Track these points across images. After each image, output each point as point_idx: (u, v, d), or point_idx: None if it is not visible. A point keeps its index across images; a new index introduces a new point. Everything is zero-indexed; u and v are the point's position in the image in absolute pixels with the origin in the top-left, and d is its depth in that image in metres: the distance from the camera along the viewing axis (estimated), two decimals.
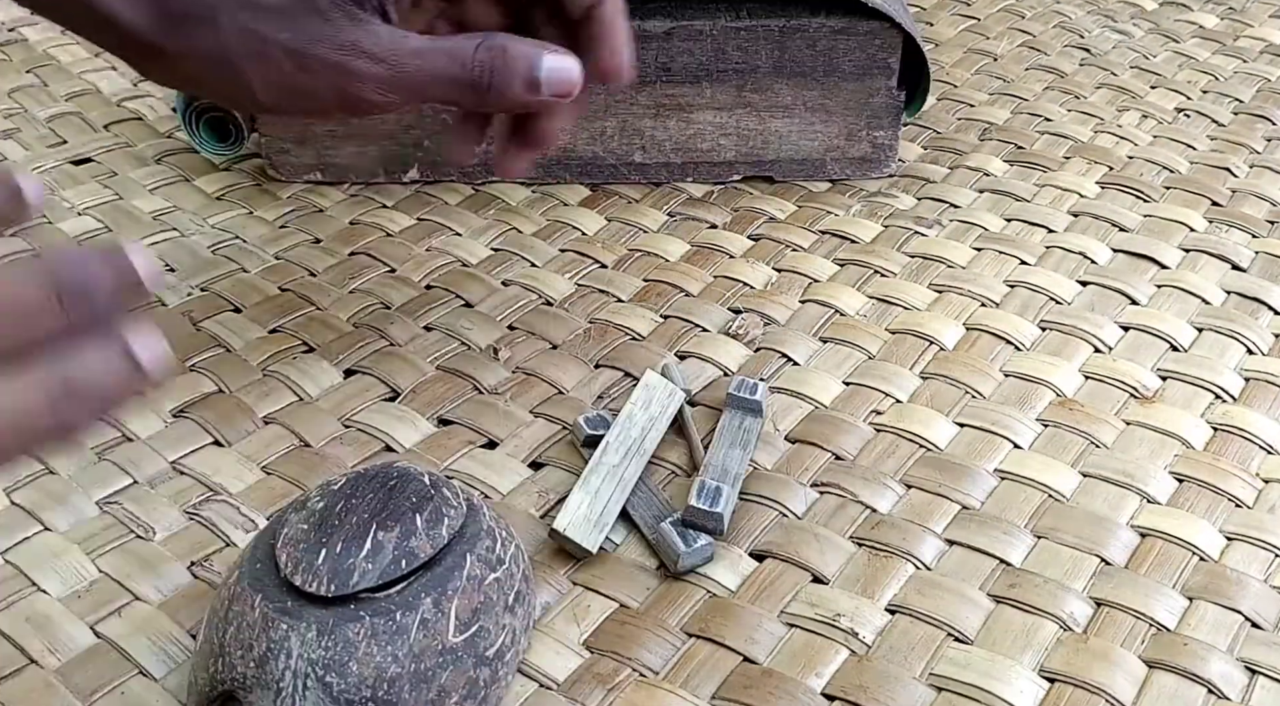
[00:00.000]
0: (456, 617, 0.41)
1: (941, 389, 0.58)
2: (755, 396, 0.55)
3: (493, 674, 0.42)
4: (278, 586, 0.41)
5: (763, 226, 0.70)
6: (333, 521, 0.42)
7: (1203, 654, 0.45)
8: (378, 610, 0.40)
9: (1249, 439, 0.55)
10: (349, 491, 0.43)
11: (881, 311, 0.63)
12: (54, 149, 0.75)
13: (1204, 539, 0.50)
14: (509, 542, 0.45)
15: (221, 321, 0.62)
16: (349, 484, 0.44)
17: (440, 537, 0.42)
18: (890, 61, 0.71)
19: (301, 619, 0.40)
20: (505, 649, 0.43)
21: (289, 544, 0.41)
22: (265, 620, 0.40)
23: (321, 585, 0.40)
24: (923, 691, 0.44)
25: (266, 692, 0.39)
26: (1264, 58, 0.91)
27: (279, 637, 0.40)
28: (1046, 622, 0.46)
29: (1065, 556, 0.49)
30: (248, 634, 0.40)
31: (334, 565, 0.40)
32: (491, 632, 0.42)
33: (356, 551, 0.41)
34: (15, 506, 0.51)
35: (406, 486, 0.43)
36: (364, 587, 0.40)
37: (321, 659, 0.39)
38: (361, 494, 0.43)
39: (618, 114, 0.71)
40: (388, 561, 0.41)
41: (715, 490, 0.50)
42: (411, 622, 0.40)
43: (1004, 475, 0.53)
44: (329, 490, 0.43)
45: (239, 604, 0.41)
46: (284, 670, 0.39)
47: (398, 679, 0.40)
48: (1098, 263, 0.67)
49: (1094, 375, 0.59)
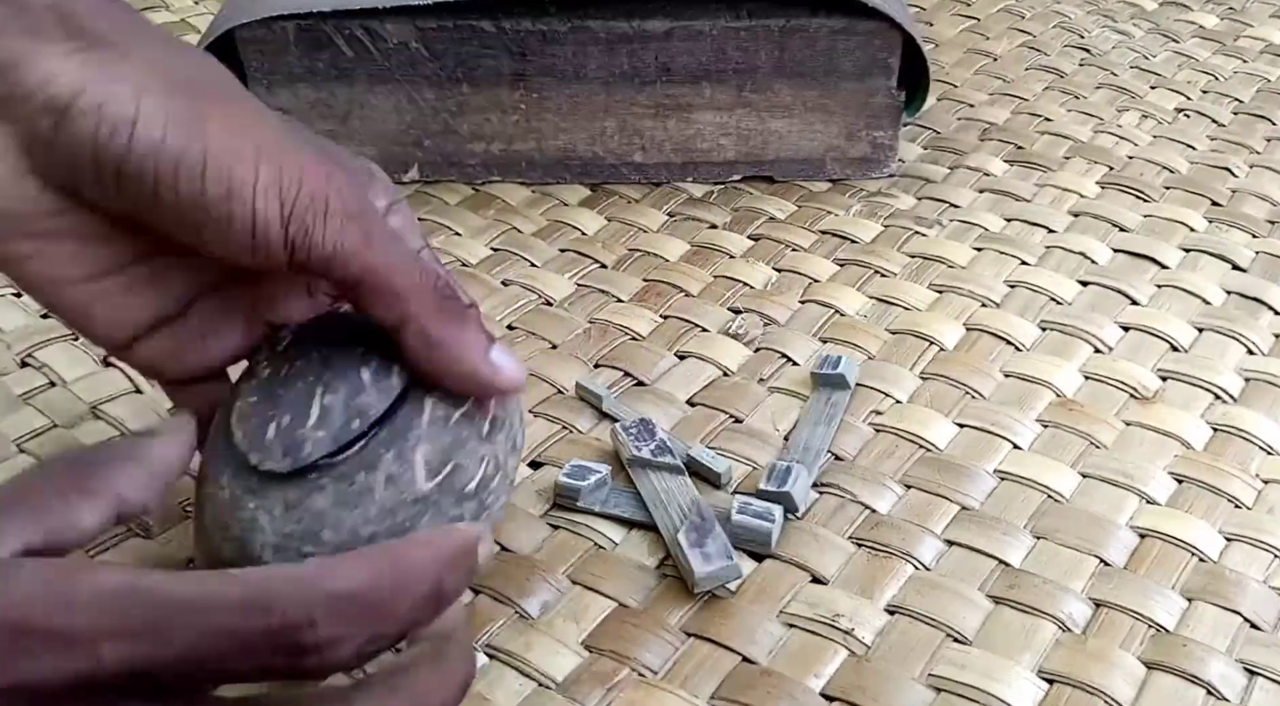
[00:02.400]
0: (425, 464, 0.39)
1: (941, 389, 0.58)
2: (839, 370, 0.56)
3: (479, 505, 0.41)
4: (242, 464, 0.39)
5: (763, 226, 0.70)
6: (277, 390, 0.40)
7: (1202, 655, 0.45)
8: (338, 475, 0.39)
9: (1249, 439, 0.55)
10: (293, 353, 0.41)
11: (881, 312, 0.63)
12: None
13: (1203, 540, 0.50)
14: None
15: None
16: (293, 344, 0.42)
17: (391, 387, 0.40)
18: (890, 61, 0.71)
19: (266, 497, 0.39)
20: (489, 478, 0.41)
21: (242, 421, 0.40)
22: (234, 501, 0.39)
23: (277, 461, 0.39)
24: (922, 692, 0.44)
25: None
26: (1264, 58, 0.91)
27: (249, 518, 0.39)
28: (1046, 623, 0.46)
29: (1065, 557, 0.49)
30: (223, 515, 0.39)
31: (285, 439, 0.39)
32: (469, 467, 0.40)
33: (304, 421, 0.39)
34: None
35: (346, 333, 0.41)
36: (318, 456, 0.39)
37: (295, 532, 0.38)
38: (305, 352, 0.41)
39: (618, 114, 0.71)
40: (338, 426, 0.39)
41: (785, 470, 0.50)
42: (376, 481, 0.39)
43: (1003, 475, 0.53)
44: (275, 354, 0.42)
45: (209, 485, 0.40)
46: (262, 546, 0.38)
47: (374, 537, 0.38)
48: (1098, 263, 0.67)
49: (1094, 375, 0.59)
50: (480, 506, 0.41)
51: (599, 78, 0.70)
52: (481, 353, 0.40)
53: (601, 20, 0.68)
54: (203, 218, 0.37)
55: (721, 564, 0.47)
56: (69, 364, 0.58)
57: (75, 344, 0.60)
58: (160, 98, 0.36)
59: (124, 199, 0.37)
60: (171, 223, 0.38)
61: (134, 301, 0.41)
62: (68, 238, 0.39)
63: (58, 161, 0.37)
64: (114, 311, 0.41)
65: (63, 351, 0.59)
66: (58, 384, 0.57)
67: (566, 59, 0.69)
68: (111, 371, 0.58)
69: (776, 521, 0.49)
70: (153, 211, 0.37)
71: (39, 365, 0.58)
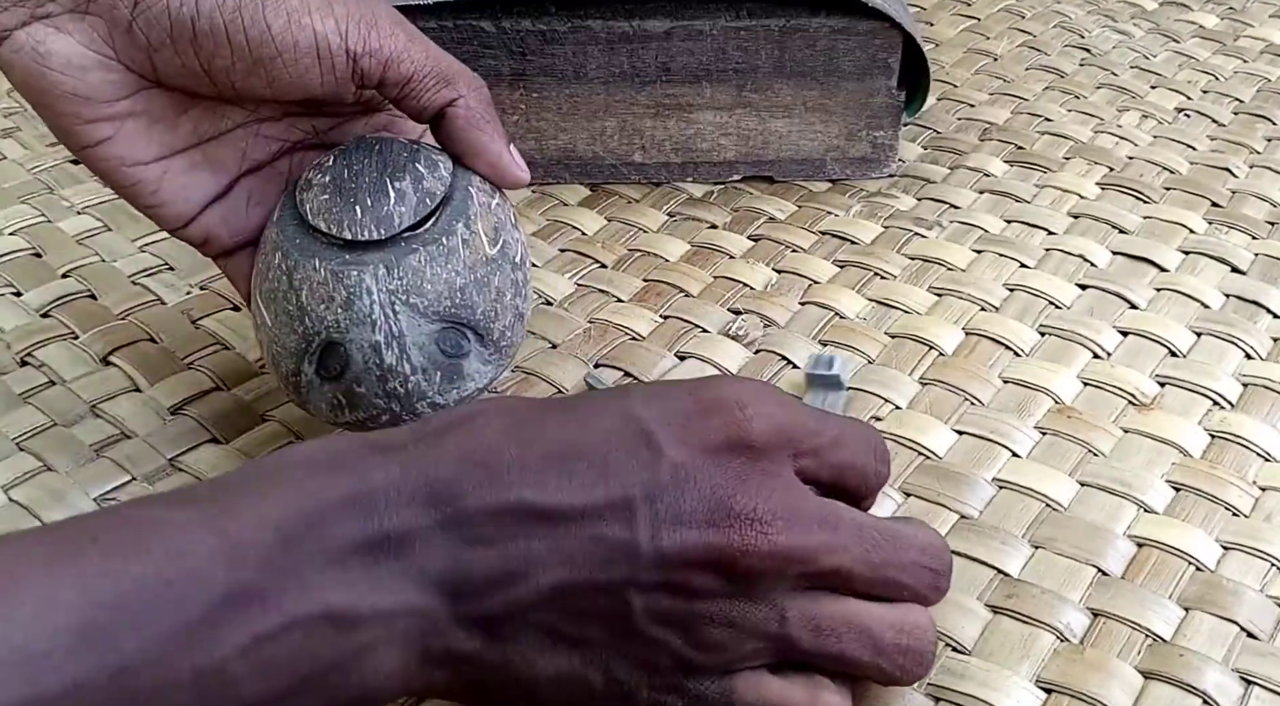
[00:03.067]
0: (485, 235, 0.49)
1: (940, 395, 0.58)
2: (832, 371, 0.56)
3: (524, 276, 0.51)
4: (328, 247, 0.47)
5: (763, 227, 0.70)
6: (349, 185, 0.48)
7: (1199, 664, 0.45)
8: (426, 240, 0.47)
9: (1246, 446, 0.55)
10: (346, 161, 0.49)
11: (881, 314, 0.63)
12: (54, 148, 0.75)
13: (1201, 549, 0.50)
14: None
15: (221, 319, 0.62)
16: (341, 156, 0.49)
17: (444, 177, 0.49)
18: (890, 61, 0.70)
19: (367, 263, 0.47)
20: (524, 256, 0.51)
21: (321, 212, 0.48)
22: (334, 275, 0.46)
23: (371, 232, 0.47)
24: (920, 701, 0.44)
25: (362, 327, 0.46)
26: (1264, 58, 0.91)
27: (354, 282, 0.46)
28: (1043, 633, 0.47)
29: (1062, 566, 0.49)
30: (323, 290, 0.47)
31: (374, 215, 0.47)
32: (512, 244, 0.50)
33: (386, 200, 0.47)
34: (14, 504, 0.51)
35: (392, 146, 0.50)
36: (406, 226, 0.47)
37: (400, 287, 0.47)
38: (358, 160, 0.49)
39: (618, 114, 0.71)
40: (415, 203, 0.48)
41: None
42: (456, 244, 0.48)
43: (1002, 484, 0.53)
44: (325, 166, 0.49)
45: (300, 271, 0.47)
46: (371, 304, 0.46)
47: (465, 287, 0.48)
48: (1097, 265, 0.67)
49: (1092, 382, 0.59)
50: (525, 277, 0.51)
51: (599, 78, 0.70)
52: (506, 141, 0.51)
53: (601, 20, 0.68)
54: (271, 52, 0.45)
55: None
56: (68, 363, 0.58)
57: (74, 343, 0.60)
58: None
59: (201, 58, 0.45)
60: (244, 71, 0.46)
61: (194, 180, 0.50)
62: (141, 118, 0.47)
63: (137, 42, 0.45)
64: (178, 190, 0.49)
65: (62, 351, 0.59)
66: (57, 383, 0.57)
67: (566, 59, 0.69)
68: (111, 370, 0.58)
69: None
70: (227, 65, 0.46)
71: (38, 364, 0.58)
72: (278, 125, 0.52)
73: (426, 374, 0.47)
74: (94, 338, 0.60)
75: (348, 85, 0.48)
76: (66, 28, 0.44)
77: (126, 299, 0.63)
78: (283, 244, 0.48)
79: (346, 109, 0.53)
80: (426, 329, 0.47)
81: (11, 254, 0.66)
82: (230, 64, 0.46)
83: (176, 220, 0.50)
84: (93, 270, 0.65)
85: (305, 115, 0.52)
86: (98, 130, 0.47)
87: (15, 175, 0.72)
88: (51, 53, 0.44)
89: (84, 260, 0.65)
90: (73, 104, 0.46)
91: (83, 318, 0.61)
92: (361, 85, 0.48)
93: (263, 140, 0.52)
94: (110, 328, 0.61)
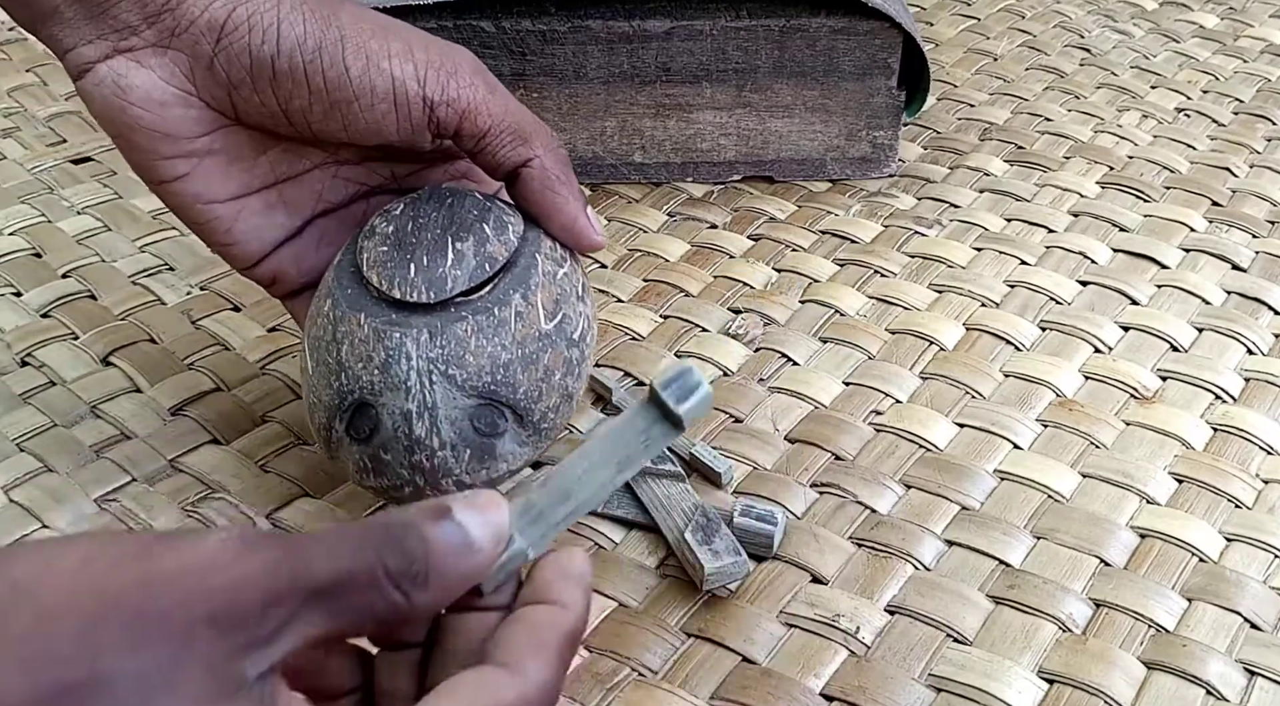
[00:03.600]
0: (543, 307, 0.46)
1: (941, 389, 0.58)
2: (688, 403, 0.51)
3: (580, 354, 0.47)
4: (376, 303, 0.45)
5: (763, 226, 0.70)
6: (409, 240, 0.46)
7: (1201, 655, 0.45)
8: (477, 309, 0.45)
9: (1248, 439, 0.55)
10: (413, 212, 0.47)
11: (881, 311, 0.63)
12: (54, 148, 0.75)
13: (1203, 540, 0.50)
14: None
15: (220, 320, 0.62)
16: (411, 205, 0.47)
17: (510, 241, 0.46)
18: (890, 61, 0.71)
19: (411, 326, 0.44)
20: (585, 332, 0.48)
21: (376, 265, 0.45)
22: (376, 333, 0.44)
23: (421, 294, 0.44)
24: (922, 692, 0.44)
25: (396, 393, 0.44)
26: (1264, 58, 0.91)
27: (394, 345, 0.44)
28: (1046, 623, 0.46)
29: (1064, 557, 0.49)
30: (363, 348, 0.44)
31: (427, 276, 0.45)
32: (572, 319, 0.47)
33: (443, 261, 0.45)
34: (14, 504, 0.51)
35: (464, 201, 0.47)
36: (459, 292, 0.44)
37: (440, 356, 0.44)
38: (425, 212, 0.47)
39: (618, 114, 0.71)
40: (473, 267, 0.45)
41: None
42: (509, 315, 0.45)
43: (1004, 475, 0.53)
44: (392, 215, 0.47)
45: (345, 325, 0.45)
46: (408, 370, 0.44)
47: (510, 363, 0.45)
48: (1098, 262, 0.67)
49: (1094, 375, 0.59)
50: (581, 355, 0.47)
51: (599, 78, 0.70)
52: (583, 203, 0.48)
53: (601, 20, 0.68)
54: (348, 95, 0.44)
55: (731, 559, 0.47)
56: (69, 363, 0.58)
57: (75, 343, 0.60)
58: (295, 3, 0.44)
59: (279, 98, 0.44)
60: (321, 113, 0.45)
61: (268, 220, 0.49)
62: (219, 156, 0.46)
63: (218, 79, 0.44)
64: (252, 229, 0.48)
65: (62, 351, 0.59)
66: (57, 383, 0.57)
67: (566, 59, 0.69)
68: (111, 370, 0.58)
69: (779, 524, 0.49)
70: (304, 106, 0.45)
71: (39, 364, 0.58)
72: (356, 168, 0.51)
73: (455, 451, 0.44)
74: (94, 338, 0.60)
75: (424, 134, 0.46)
76: (148, 62, 0.44)
77: (126, 299, 0.63)
78: (334, 292, 0.46)
79: (425, 155, 0.51)
80: (462, 403, 0.44)
81: (11, 254, 0.66)
82: (307, 105, 0.45)
83: (247, 259, 0.49)
84: (93, 270, 0.65)
85: (384, 160, 0.51)
86: (175, 166, 0.46)
87: (15, 175, 0.73)
88: (132, 87, 0.44)
89: (84, 260, 0.65)
90: (151, 139, 0.45)
91: (83, 318, 0.61)
92: (438, 134, 0.46)
93: (340, 182, 0.50)
94: (110, 328, 0.61)
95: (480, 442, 0.45)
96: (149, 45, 0.44)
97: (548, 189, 0.47)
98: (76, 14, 0.43)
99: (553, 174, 0.47)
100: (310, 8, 0.44)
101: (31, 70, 0.85)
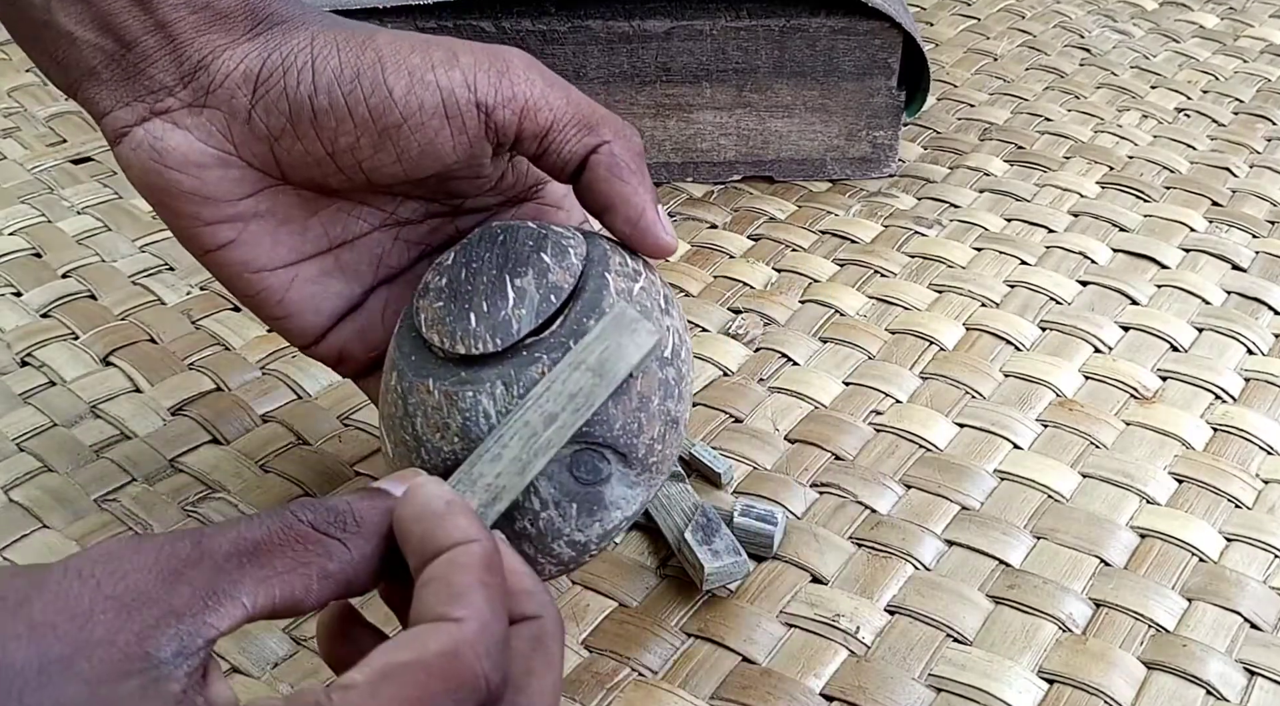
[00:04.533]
0: None
1: (941, 389, 0.58)
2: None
3: (677, 373, 0.42)
4: (442, 364, 0.41)
5: (763, 226, 0.70)
6: (465, 288, 0.41)
7: (1201, 655, 0.45)
8: (550, 346, 0.40)
9: (1249, 439, 0.55)
10: (465, 258, 0.42)
11: (881, 311, 0.63)
12: (54, 148, 0.75)
13: (1203, 540, 0.50)
14: (635, 254, 0.44)
15: (220, 319, 0.62)
16: (461, 252, 0.43)
17: (574, 265, 0.41)
18: (890, 61, 0.71)
19: (483, 381, 0.40)
20: (679, 346, 0.43)
21: (435, 324, 0.41)
22: (448, 397, 0.40)
23: (486, 344, 0.40)
24: (922, 692, 0.44)
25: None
26: (1264, 58, 0.91)
27: (469, 406, 0.40)
28: (1046, 623, 0.46)
29: (1064, 557, 0.49)
30: (437, 417, 0.40)
31: (490, 322, 0.40)
32: (660, 336, 0.41)
33: (503, 303, 0.40)
34: (14, 504, 0.51)
35: (516, 234, 0.43)
36: (527, 332, 0.40)
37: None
38: (479, 255, 0.42)
39: (618, 114, 0.71)
40: (537, 302, 0.40)
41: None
42: None
43: (1003, 475, 0.53)
44: (444, 266, 0.43)
45: (414, 395, 0.41)
46: (488, 431, 0.39)
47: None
48: (1098, 263, 0.67)
49: (1094, 375, 0.59)
50: (679, 374, 0.42)
51: (599, 78, 0.70)
52: (653, 197, 0.43)
53: (601, 20, 0.68)
54: (395, 118, 0.41)
55: (731, 559, 0.47)
56: (68, 363, 0.58)
57: (75, 343, 0.60)
58: (329, 35, 0.41)
59: (324, 139, 0.41)
60: (370, 147, 0.41)
61: (324, 289, 0.45)
62: (266, 219, 0.43)
63: (258, 133, 0.41)
64: (308, 299, 0.45)
65: (62, 351, 0.59)
66: (57, 383, 0.57)
67: (566, 59, 0.69)
68: (111, 370, 0.58)
69: (779, 524, 0.49)
70: (352, 142, 0.41)
71: (39, 364, 0.58)
72: (418, 228, 0.47)
73: (560, 508, 0.40)
74: (94, 338, 0.60)
75: (482, 144, 0.42)
76: (185, 123, 0.41)
77: (126, 299, 0.63)
78: (398, 362, 0.42)
79: (489, 199, 0.47)
80: (556, 453, 0.39)
81: (11, 254, 0.66)
82: (355, 141, 0.41)
83: (307, 335, 0.46)
84: (93, 270, 0.65)
85: (447, 214, 0.47)
86: (219, 233, 0.43)
87: (15, 175, 0.73)
88: (169, 149, 0.41)
89: (84, 260, 0.65)
90: (192, 204, 0.42)
91: (83, 318, 0.61)
92: (498, 142, 0.42)
93: (402, 245, 0.47)
94: (110, 328, 0.61)
95: (585, 493, 0.40)
96: (185, 106, 0.41)
97: (616, 176, 0.42)
98: (113, 75, 0.41)
99: (622, 160, 0.43)
100: (344, 37, 0.41)
101: (31, 70, 0.85)
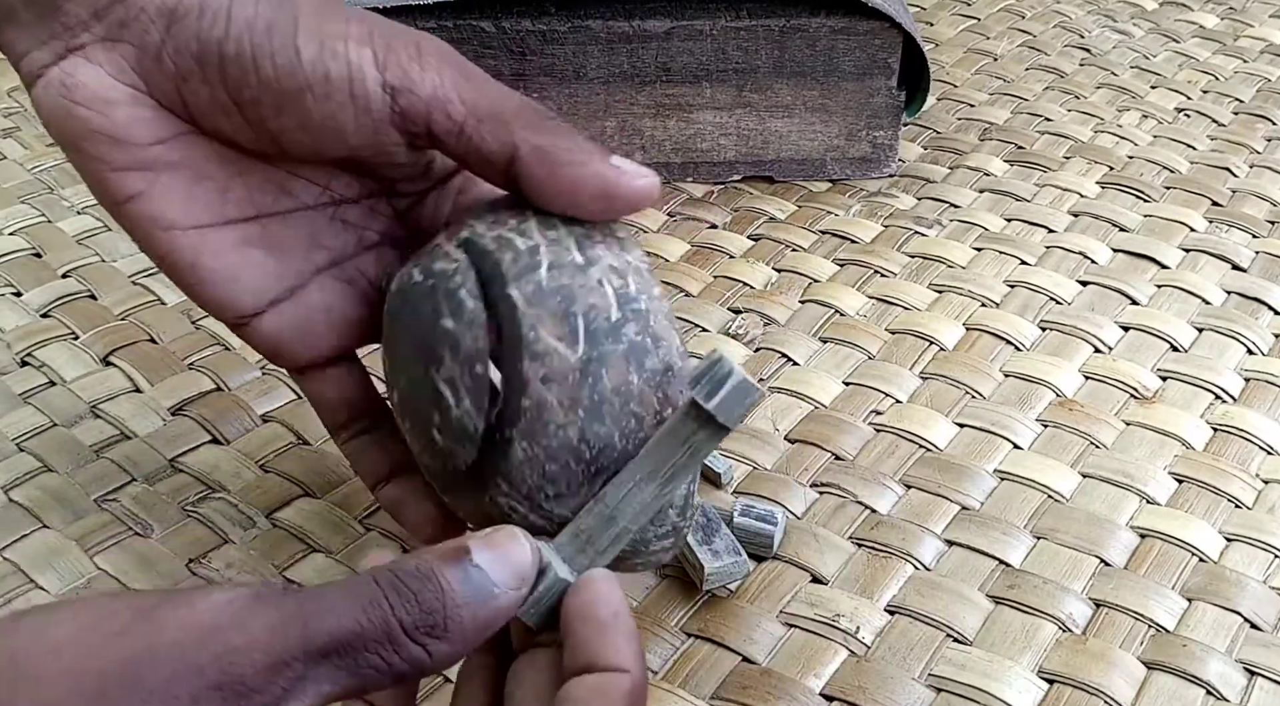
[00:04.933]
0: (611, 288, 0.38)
1: (941, 389, 0.58)
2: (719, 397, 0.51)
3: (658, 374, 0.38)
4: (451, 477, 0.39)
5: (763, 226, 0.70)
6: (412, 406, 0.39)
7: (1201, 655, 0.45)
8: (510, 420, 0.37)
9: (1249, 439, 0.55)
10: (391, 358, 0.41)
11: (881, 311, 0.63)
12: (54, 148, 0.75)
13: (1203, 540, 0.50)
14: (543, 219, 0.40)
15: None
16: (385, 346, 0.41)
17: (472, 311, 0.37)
18: (890, 61, 0.71)
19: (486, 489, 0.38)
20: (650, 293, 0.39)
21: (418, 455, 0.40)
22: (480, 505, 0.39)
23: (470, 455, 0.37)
24: (922, 692, 0.44)
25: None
26: (1264, 58, 0.91)
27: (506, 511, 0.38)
28: (1046, 623, 0.46)
29: (1064, 557, 0.49)
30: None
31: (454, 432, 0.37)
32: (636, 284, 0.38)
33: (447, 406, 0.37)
34: (14, 504, 0.51)
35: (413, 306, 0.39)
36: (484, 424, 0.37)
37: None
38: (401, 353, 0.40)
39: (617, 114, 0.71)
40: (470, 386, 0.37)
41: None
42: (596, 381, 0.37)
43: (1003, 475, 0.53)
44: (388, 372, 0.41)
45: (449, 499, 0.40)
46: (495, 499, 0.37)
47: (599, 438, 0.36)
48: (1098, 263, 0.67)
49: (1094, 375, 0.59)
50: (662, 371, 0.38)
51: (599, 77, 0.70)
52: (601, 156, 0.38)
53: (601, 20, 0.68)
54: (299, 82, 0.38)
55: (731, 559, 0.47)
56: (68, 363, 0.58)
57: (75, 343, 0.60)
58: None
59: (228, 88, 0.39)
60: (273, 107, 0.39)
61: (246, 260, 0.42)
62: (179, 171, 0.41)
63: (166, 71, 0.39)
64: (225, 268, 0.42)
65: (62, 351, 0.59)
66: (57, 383, 0.57)
67: (566, 59, 0.69)
68: (111, 370, 0.58)
69: (779, 524, 0.49)
70: (255, 97, 0.39)
71: (39, 364, 0.58)
72: (355, 208, 0.44)
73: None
74: (94, 338, 0.60)
75: (389, 133, 0.39)
76: (96, 58, 0.39)
77: (126, 299, 0.63)
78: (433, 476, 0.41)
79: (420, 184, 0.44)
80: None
81: (11, 254, 0.66)
82: (257, 96, 0.39)
83: (226, 309, 0.42)
84: (93, 270, 0.65)
85: (381, 194, 0.44)
86: (128, 181, 0.40)
87: (15, 175, 0.72)
88: (78, 84, 0.39)
89: (84, 260, 0.65)
90: (101, 144, 0.40)
91: (83, 318, 0.61)
92: (410, 133, 0.39)
93: (338, 226, 0.44)
94: (110, 328, 0.61)
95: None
96: (99, 39, 0.39)
97: (553, 165, 0.38)
98: (31, 15, 0.39)
99: (549, 148, 0.38)
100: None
101: None
